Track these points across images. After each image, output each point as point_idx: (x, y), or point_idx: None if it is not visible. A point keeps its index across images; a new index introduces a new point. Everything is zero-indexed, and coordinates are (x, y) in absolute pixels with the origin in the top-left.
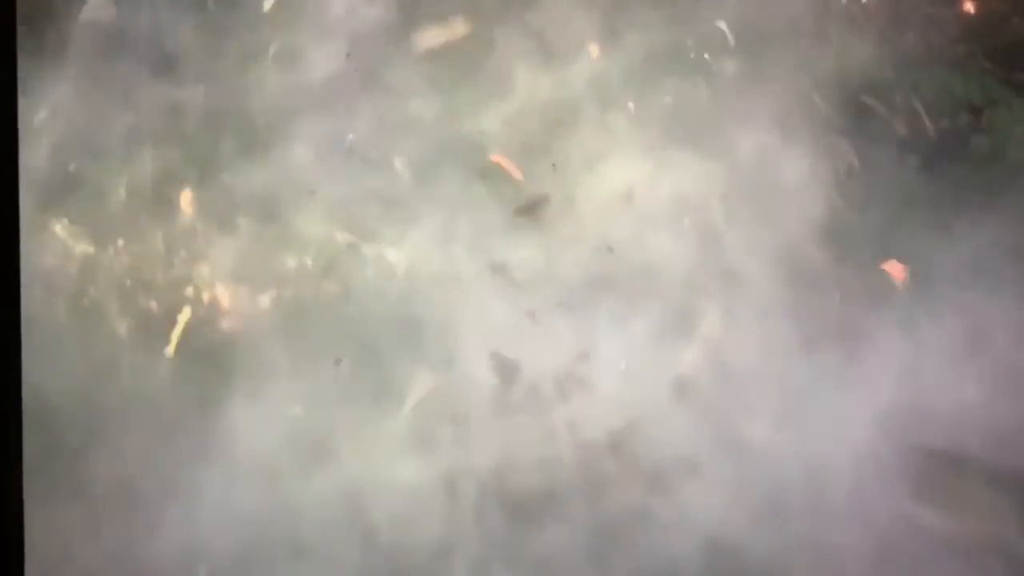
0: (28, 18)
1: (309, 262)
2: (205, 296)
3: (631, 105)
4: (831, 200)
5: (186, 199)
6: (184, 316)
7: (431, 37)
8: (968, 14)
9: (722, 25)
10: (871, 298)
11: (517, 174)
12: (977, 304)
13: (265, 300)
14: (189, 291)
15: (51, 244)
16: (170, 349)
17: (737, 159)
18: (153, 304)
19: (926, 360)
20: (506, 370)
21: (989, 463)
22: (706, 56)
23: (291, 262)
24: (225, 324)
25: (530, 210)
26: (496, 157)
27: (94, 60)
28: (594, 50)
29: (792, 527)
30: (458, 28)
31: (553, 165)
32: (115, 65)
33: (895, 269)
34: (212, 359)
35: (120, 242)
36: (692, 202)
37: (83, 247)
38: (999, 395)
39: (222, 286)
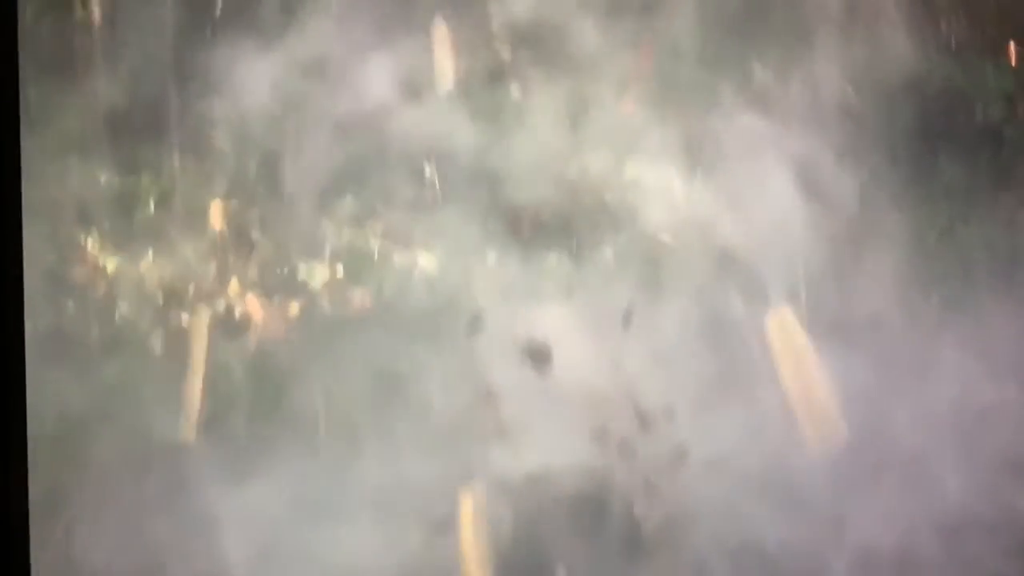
0: (48, 31)
1: (340, 270)
2: (237, 309)
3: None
4: (863, 194)
5: (216, 210)
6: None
7: None
8: (1001, 1)
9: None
10: (901, 294)
11: None
12: (1013, 297)
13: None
14: (220, 304)
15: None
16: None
17: (767, 154)
18: (184, 317)
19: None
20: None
21: None
22: (735, 47)
23: (321, 271)
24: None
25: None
26: None
27: (120, 70)
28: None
29: None
30: None
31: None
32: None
33: None
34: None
35: (150, 254)
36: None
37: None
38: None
39: (254, 297)
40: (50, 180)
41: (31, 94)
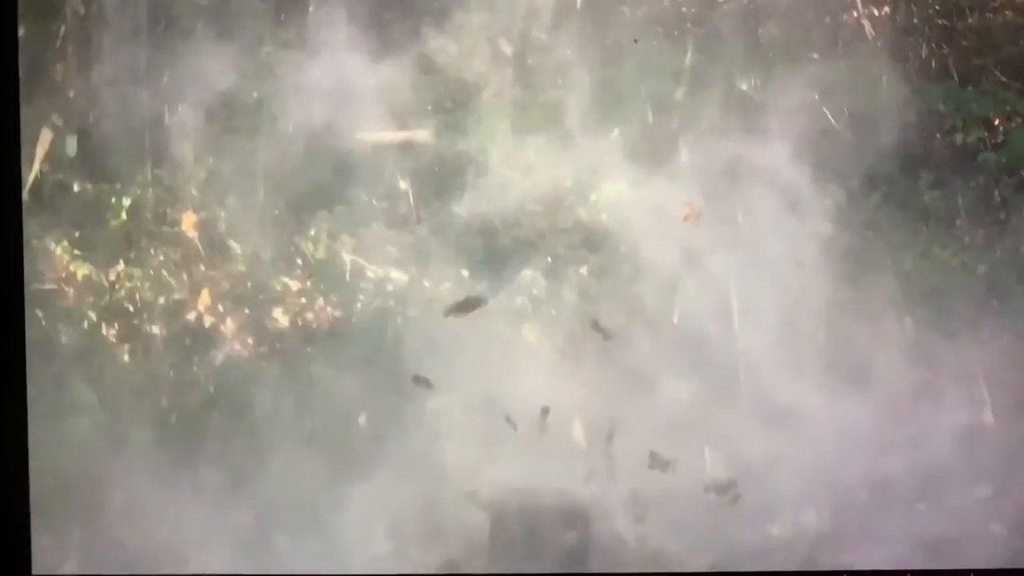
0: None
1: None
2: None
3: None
4: (840, 216)
5: (188, 222)
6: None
7: None
8: (982, 26)
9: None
10: (873, 315)
11: None
12: (988, 322)
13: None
14: (191, 316)
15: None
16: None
17: (746, 176)
18: (155, 329)
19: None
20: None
21: None
22: (717, 69)
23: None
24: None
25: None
26: None
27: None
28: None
29: None
30: None
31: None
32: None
33: None
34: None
35: (121, 265)
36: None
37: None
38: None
39: (224, 310)
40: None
41: None
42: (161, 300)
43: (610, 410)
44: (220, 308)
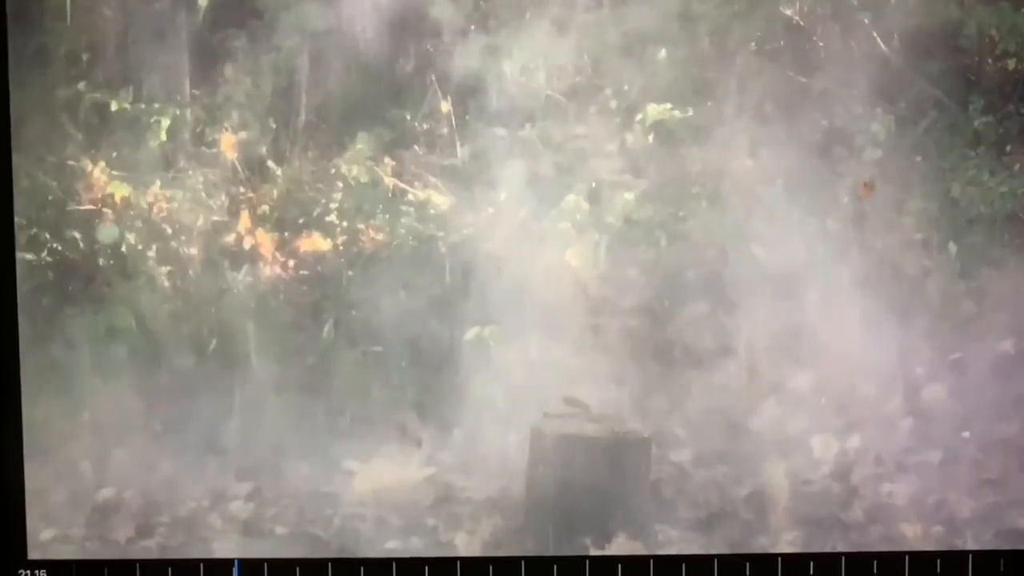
0: None
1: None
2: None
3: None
4: (889, 141)
5: (227, 143)
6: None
7: None
8: None
9: None
10: (919, 240)
11: None
12: None
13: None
14: (230, 238)
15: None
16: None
17: (797, 105)
18: (193, 251)
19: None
20: None
21: None
22: None
23: (334, 206)
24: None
25: None
26: None
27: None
28: None
29: None
30: None
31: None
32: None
33: None
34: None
35: (159, 186)
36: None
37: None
38: None
39: (264, 232)
40: (56, 107)
41: (36, 17)
42: (200, 222)
43: (653, 331)
44: (259, 230)
